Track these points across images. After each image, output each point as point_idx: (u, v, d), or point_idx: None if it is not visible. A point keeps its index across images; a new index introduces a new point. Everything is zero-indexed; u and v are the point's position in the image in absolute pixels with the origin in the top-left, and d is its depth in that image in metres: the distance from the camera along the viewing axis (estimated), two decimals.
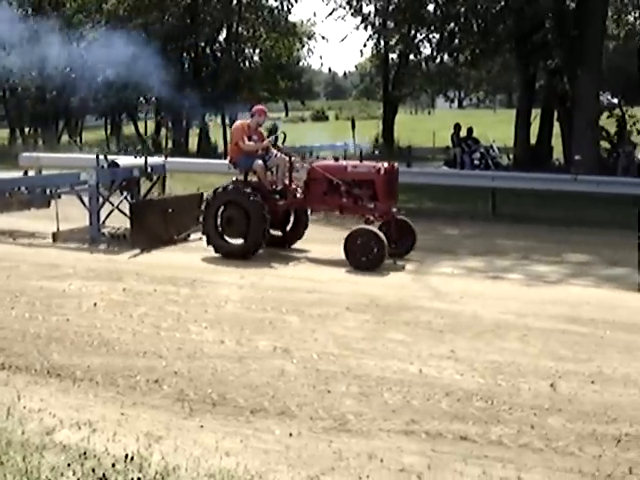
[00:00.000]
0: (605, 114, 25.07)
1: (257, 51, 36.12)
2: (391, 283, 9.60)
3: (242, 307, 8.19)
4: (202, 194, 12.69)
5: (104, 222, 12.41)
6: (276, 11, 33.17)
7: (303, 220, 11.80)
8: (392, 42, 28.77)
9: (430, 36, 24.47)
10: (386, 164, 10.99)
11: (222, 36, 33.19)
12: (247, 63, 35.29)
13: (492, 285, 9.61)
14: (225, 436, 4.98)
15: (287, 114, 66.56)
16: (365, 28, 25.85)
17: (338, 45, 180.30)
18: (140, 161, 12.98)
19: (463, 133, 23.02)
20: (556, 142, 24.87)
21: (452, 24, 22.37)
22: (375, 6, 25.09)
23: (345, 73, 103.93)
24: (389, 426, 5.16)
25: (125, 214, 12.23)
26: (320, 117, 66.27)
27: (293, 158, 11.44)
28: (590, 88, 19.95)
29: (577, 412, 5.45)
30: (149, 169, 12.87)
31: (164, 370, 6.22)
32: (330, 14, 26.74)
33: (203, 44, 32.83)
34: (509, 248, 11.69)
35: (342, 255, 10.26)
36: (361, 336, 7.20)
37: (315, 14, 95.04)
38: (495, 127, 28.41)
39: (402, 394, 5.71)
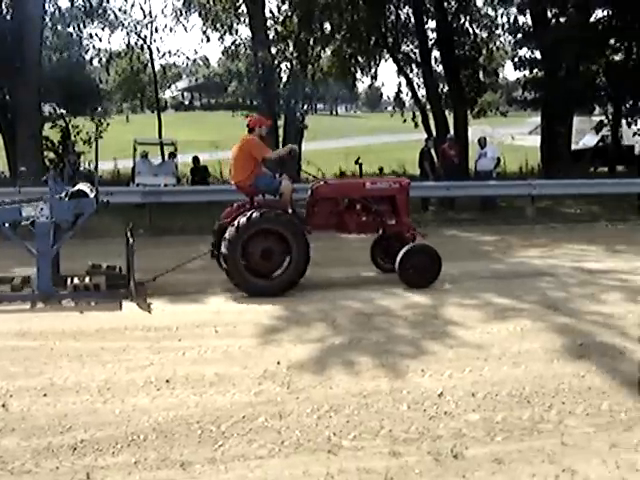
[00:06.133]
0: (48, 124, 25.48)
1: None
2: None
3: None
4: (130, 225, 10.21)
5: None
6: None
7: None
8: None
9: None
10: (405, 180, 11.05)
11: None
12: None
13: None
14: None
15: None
16: None
17: None
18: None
19: None
20: (1, 154, 24.45)
21: None
22: None
23: None
24: None
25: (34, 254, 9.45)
26: None
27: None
28: (30, 99, 19.88)
29: (31, 428, 5.39)
30: (105, 200, 10.35)
31: None
32: None
33: None
34: None
35: None
36: None
37: None
38: None
39: None
